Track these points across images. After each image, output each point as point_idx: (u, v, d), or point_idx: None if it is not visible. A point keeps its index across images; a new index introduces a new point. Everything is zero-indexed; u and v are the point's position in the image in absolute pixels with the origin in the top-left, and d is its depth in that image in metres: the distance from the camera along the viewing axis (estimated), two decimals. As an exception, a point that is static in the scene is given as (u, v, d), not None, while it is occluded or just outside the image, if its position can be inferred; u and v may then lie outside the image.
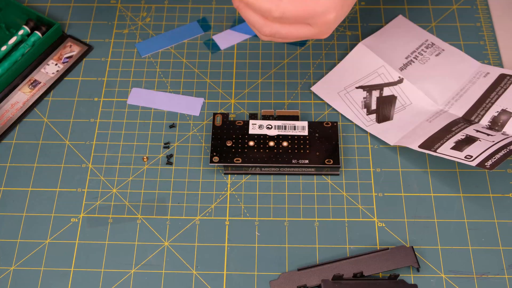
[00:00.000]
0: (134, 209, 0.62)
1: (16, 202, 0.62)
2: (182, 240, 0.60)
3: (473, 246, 0.59)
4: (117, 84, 0.70)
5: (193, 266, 0.58)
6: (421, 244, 0.59)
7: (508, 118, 0.64)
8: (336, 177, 0.63)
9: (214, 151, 0.62)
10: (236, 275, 0.58)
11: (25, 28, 0.72)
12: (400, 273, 0.57)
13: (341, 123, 0.67)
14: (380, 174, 0.63)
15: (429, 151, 0.61)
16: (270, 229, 0.60)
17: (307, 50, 0.72)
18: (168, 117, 0.68)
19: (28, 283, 0.58)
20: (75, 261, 0.59)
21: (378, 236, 0.60)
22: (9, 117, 0.67)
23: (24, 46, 0.71)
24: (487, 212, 0.61)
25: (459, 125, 0.63)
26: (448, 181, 0.63)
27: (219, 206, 0.62)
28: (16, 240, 0.60)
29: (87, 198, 0.62)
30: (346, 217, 0.61)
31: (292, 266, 0.58)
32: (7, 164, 0.65)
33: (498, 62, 0.70)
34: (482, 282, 0.57)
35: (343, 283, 0.55)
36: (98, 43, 0.73)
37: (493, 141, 0.60)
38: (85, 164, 0.65)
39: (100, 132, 0.67)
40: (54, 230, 0.61)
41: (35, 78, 0.70)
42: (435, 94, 0.67)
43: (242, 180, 0.63)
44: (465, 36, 0.73)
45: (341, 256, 0.58)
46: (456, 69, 0.69)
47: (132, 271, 0.58)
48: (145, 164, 0.65)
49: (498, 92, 0.66)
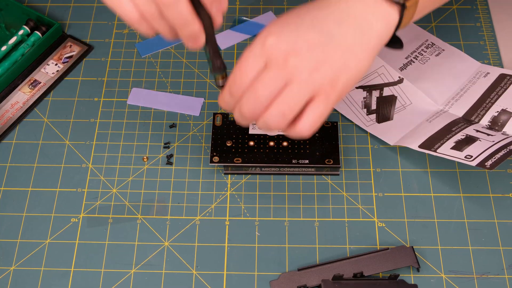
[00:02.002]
0: (134, 209, 0.62)
1: (16, 202, 0.62)
2: (182, 240, 0.60)
3: (473, 246, 0.59)
4: (117, 84, 0.70)
5: (193, 266, 0.58)
6: (421, 244, 0.59)
7: (508, 118, 0.64)
8: (336, 177, 0.63)
9: (214, 151, 0.62)
10: (236, 275, 0.58)
11: (25, 28, 0.72)
12: (400, 273, 0.57)
13: (341, 123, 0.67)
14: (380, 174, 0.63)
15: (429, 151, 0.61)
16: (270, 229, 0.60)
17: (307, 50, 0.72)
18: (168, 117, 0.68)
19: (28, 283, 0.58)
20: (75, 261, 0.59)
21: (378, 236, 0.60)
22: (9, 117, 0.67)
23: (24, 46, 0.71)
24: (487, 212, 0.61)
25: (459, 125, 0.63)
26: (448, 181, 0.63)
27: (219, 206, 0.62)
28: (16, 240, 0.60)
29: (87, 198, 0.62)
30: (346, 217, 0.61)
31: (292, 266, 0.58)
32: (7, 164, 0.65)
33: (498, 62, 0.70)
34: (482, 282, 0.57)
35: (343, 283, 0.55)
36: (98, 43, 0.73)
37: (493, 141, 0.60)
38: (85, 164, 0.65)
39: (100, 132, 0.67)
40: (54, 230, 0.61)
41: (35, 78, 0.70)
42: (435, 94, 0.67)
43: (242, 180, 0.63)
44: (465, 36, 0.73)
45: (341, 256, 0.58)
46: (456, 69, 0.69)
47: (132, 271, 0.58)
48: (145, 164, 0.65)
49: (498, 92, 0.66)
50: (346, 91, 0.51)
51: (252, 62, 0.49)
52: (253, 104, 0.49)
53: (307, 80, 0.49)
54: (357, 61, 0.50)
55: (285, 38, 0.49)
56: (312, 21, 0.50)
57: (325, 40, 0.49)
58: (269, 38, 0.49)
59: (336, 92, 0.50)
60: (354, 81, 0.51)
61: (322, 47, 0.49)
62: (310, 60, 0.49)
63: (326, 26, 0.50)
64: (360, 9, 0.51)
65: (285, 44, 0.49)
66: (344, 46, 0.50)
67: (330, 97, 0.50)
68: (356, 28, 0.51)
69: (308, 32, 0.49)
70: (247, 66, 0.49)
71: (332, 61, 0.49)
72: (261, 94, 0.49)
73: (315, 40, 0.49)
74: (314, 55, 0.49)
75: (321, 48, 0.49)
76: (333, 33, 0.50)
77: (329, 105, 0.50)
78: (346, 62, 0.50)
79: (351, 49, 0.50)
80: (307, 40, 0.49)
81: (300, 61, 0.48)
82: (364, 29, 0.51)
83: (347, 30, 0.50)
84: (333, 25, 0.50)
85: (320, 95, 0.49)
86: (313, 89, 0.49)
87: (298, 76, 0.48)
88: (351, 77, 0.50)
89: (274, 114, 0.49)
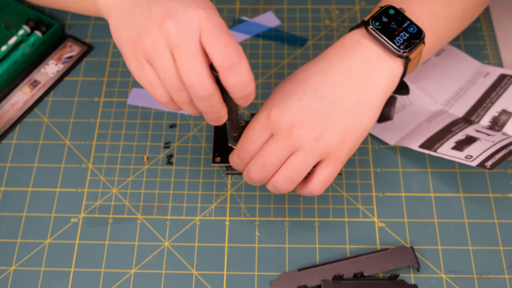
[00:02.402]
0: (134, 209, 0.62)
1: (16, 202, 0.62)
2: (182, 240, 0.60)
3: (473, 246, 0.59)
4: (117, 84, 0.70)
5: (193, 266, 0.58)
6: (421, 244, 0.59)
7: (508, 118, 0.64)
8: (336, 177, 0.63)
9: (216, 152, 0.62)
10: (236, 275, 0.58)
11: (25, 28, 0.72)
12: (400, 273, 0.57)
13: (341, 123, 0.67)
14: (380, 174, 0.63)
15: (429, 151, 0.61)
16: (270, 229, 0.60)
17: (307, 50, 0.72)
18: (168, 117, 0.68)
19: (28, 283, 0.58)
20: (75, 261, 0.59)
21: (378, 236, 0.60)
22: (9, 117, 0.67)
23: (24, 46, 0.71)
24: (487, 212, 0.61)
25: (459, 125, 0.63)
26: (448, 181, 0.63)
27: (219, 206, 0.62)
28: (16, 240, 0.60)
29: (87, 198, 0.62)
30: (346, 217, 0.61)
31: (292, 266, 0.58)
32: (7, 164, 0.65)
33: (498, 62, 0.70)
34: (482, 282, 0.57)
35: (343, 283, 0.55)
36: (98, 43, 0.73)
37: (493, 141, 0.60)
38: (85, 164, 0.65)
39: (100, 132, 0.67)
40: (54, 230, 0.61)
41: (35, 78, 0.70)
42: (435, 94, 0.67)
43: (242, 181, 0.63)
44: (465, 36, 0.73)
45: (341, 256, 0.58)
46: (456, 69, 0.69)
47: (132, 271, 0.58)
48: (145, 164, 0.65)
49: (498, 92, 0.66)
50: (355, 148, 0.52)
51: (258, 132, 0.52)
52: (260, 170, 0.51)
53: (313, 147, 0.50)
54: (362, 120, 0.51)
55: (288, 109, 0.51)
56: (314, 89, 0.51)
57: (327, 107, 0.50)
58: (273, 111, 0.51)
59: (344, 153, 0.51)
60: (361, 138, 0.52)
61: (325, 114, 0.50)
62: (314, 129, 0.50)
63: (328, 91, 0.51)
64: (362, 67, 0.52)
65: (288, 116, 0.50)
66: (347, 109, 0.51)
67: (339, 158, 0.51)
68: (359, 88, 0.51)
69: (310, 102, 0.51)
70: (254, 136, 0.52)
71: (336, 126, 0.50)
72: (268, 163, 0.51)
73: (317, 108, 0.50)
74: (317, 123, 0.50)
75: (324, 115, 0.50)
76: (334, 97, 0.51)
77: (339, 166, 0.52)
78: (351, 124, 0.51)
79: (355, 110, 0.51)
80: (309, 110, 0.50)
81: (304, 131, 0.50)
82: (367, 88, 0.51)
83: (349, 92, 0.51)
84: (334, 90, 0.51)
85: (328, 158, 0.51)
86: (320, 155, 0.51)
87: (304, 145, 0.50)
88: (357, 137, 0.51)
89: (282, 179, 0.51)
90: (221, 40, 0.45)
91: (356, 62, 0.52)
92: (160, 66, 0.46)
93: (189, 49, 0.45)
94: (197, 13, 0.45)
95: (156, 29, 0.45)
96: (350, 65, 0.52)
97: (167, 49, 0.46)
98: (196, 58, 0.45)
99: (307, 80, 0.52)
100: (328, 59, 0.53)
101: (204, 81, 0.46)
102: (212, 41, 0.45)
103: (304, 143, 0.50)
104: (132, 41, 0.47)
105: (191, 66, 0.45)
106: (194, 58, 0.45)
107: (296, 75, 0.53)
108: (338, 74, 0.52)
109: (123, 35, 0.48)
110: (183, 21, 0.45)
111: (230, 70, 0.45)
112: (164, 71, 0.47)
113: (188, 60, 0.45)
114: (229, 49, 0.45)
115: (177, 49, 0.45)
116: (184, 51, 0.45)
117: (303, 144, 0.50)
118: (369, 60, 0.52)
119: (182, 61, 0.45)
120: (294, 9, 0.76)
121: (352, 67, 0.52)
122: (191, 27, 0.45)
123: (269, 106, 0.52)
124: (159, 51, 0.46)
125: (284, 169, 0.51)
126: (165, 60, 0.46)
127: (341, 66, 0.52)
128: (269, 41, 0.73)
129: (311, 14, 0.75)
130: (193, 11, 0.45)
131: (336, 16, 0.75)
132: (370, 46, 0.52)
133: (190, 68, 0.45)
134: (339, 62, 0.52)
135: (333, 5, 0.76)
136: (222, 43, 0.45)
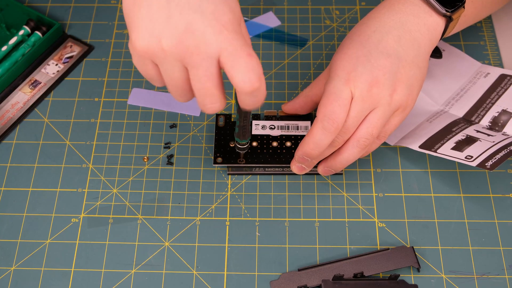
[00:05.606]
0: (135, 209, 0.62)
1: (16, 202, 0.62)
2: (182, 240, 0.60)
3: (473, 246, 0.59)
4: (117, 84, 0.70)
5: (193, 266, 0.58)
6: (421, 244, 0.59)
7: (508, 118, 0.64)
8: (336, 177, 0.63)
9: (218, 152, 0.62)
10: (236, 275, 0.58)
11: (26, 28, 0.72)
12: (401, 273, 0.57)
13: (342, 123, 0.67)
14: (381, 174, 0.63)
15: (430, 151, 0.61)
16: (270, 229, 0.60)
17: (308, 50, 0.72)
18: (168, 117, 0.68)
19: (28, 283, 0.58)
20: (75, 261, 0.59)
21: (378, 236, 0.60)
22: (10, 117, 0.68)
23: (24, 46, 0.71)
24: (488, 213, 0.61)
25: (459, 126, 0.63)
26: (448, 182, 0.63)
27: (219, 207, 0.62)
28: (17, 240, 0.60)
29: (87, 198, 0.62)
30: (347, 217, 0.61)
31: (292, 266, 0.58)
32: (7, 164, 0.65)
33: (498, 62, 0.70)
34: (482, 282, 0.57)
35: (344, 283, 0.55)
36: (98, 43, 0.74)
37: (493, 142, 0.60)
38: (85, 164, 0.65)
39: (101, 132, 0.67)
40: (54, 230, 0.61)
41: (36, 78, 0.70)
42: (435, 94, 0.67)
43: (243, 181, 0.63)
44: (465, 36, 0.73)
45: (342, 256, 0.59)
46: (456, 69, 0.69)
47: (133, 271, 0.58)
48: (146, 164, 0.65)
49: (499, 93, 0.66)
50: (416, 99, 0.57)
51: (340, 97, 0.53)
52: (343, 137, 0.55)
53: (389, 103, 0.54)
54: (420, 72, 0.56)
55: (362, 71, 0.53)
56: (376, 47, 0.54)
57: (394, 62, 0.54)
58: (351, 77, 0.53)
59: (411, 104, 0.56)
60: (420, 89, 0.57)
61: (394, 70, 0.54)
62: (389, 85, 0.54)
63: (389, 48, 0.54)
64: (413, 23, 0.55)
65: (365, 78, 0.53)
66: (409, 62, 0.55)
67: (406, 109, 0.56)
68: (414, 42, 0.55)
69: (378, 60, 0.54)
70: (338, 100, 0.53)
71: (404, 79, 0.54)
72: (350, 126, 0.54)
73: (386, 65, 0.54)
74: (390, 79, 0.54)
75: (393, 71, 0.54)
76: (397, 52, 0.54)
77: (406, 115, 0.56)
78: (414, 76, 0.55)
79: (415, 62, 0.55)
80: (380, 68, 0.53)
81: (381, 88, 0.53)
82: (420, 41, 0.55)
83: (407, 45, 0.55)
84: (395, 45, 0.55)
85: (399, 109, 0.55)
86: (393, 109, 0.54)
87: (382, 101, 0.54)
88: (419, 87, 0.56)
89: (363, 136, 0.55)
90: (242, 64, 0.43)
91: (407, 18, 0.55)
92: (168, 74, 0.46)
93: (206, 70, 0.44)
94: (218, 32, 0.43)
95: (173, 42, 0.44)
96: (402, 21, 0.55)
97: (179, 61, 0.44)
98: (211, 81, 0.44)
99: (368, 40, 0.55)
100: (379, 18, 0.56)
101: (216, 101, 0.46)
102: (232, 63, 0.43)
103: (382, 99, 0.53)
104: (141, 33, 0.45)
105: (205, 86, 0.45)
106: (210, 81, 0.44)
107: (353, 39, 0.56)
108: (394, 30, 0.55)
109: (133, 15, 0.45)
110: (203, 40, 0.43)
111: (250, 94, 0.45)
112: (172, 79, 0.46)
113: (203, 82, 0.44)
114: (250, 75, 0.43)
115: (192, 67, 0.44)
116: (201, 72, 0.44)
117: (381, 101, 0.53)
118: (418, 16, 0.55)
119: (196, 81, 0.45)
120: (295, 9, 0.76)
121: (404, 23, 0.55)
122: (210, 49, 0.43)
123: (344, 74, 0.53)
124: (171, 62, 0.45)
125: (365, 127, 0.54)
126: (175, 71, 0.45)
127: (395, 23, 0.55)
128: (270, 41, 0.73)
129: (311, 14, 0.75)
130: (214, 29, 0.43)
131: (336, 16, 0.75)
132: (417, 4, 0.56)
133: (204, 88, 0.45)
134: (391, 20, 0.55)
135: (333, 5, 0.76)
136: (244, 67, 0.43)
